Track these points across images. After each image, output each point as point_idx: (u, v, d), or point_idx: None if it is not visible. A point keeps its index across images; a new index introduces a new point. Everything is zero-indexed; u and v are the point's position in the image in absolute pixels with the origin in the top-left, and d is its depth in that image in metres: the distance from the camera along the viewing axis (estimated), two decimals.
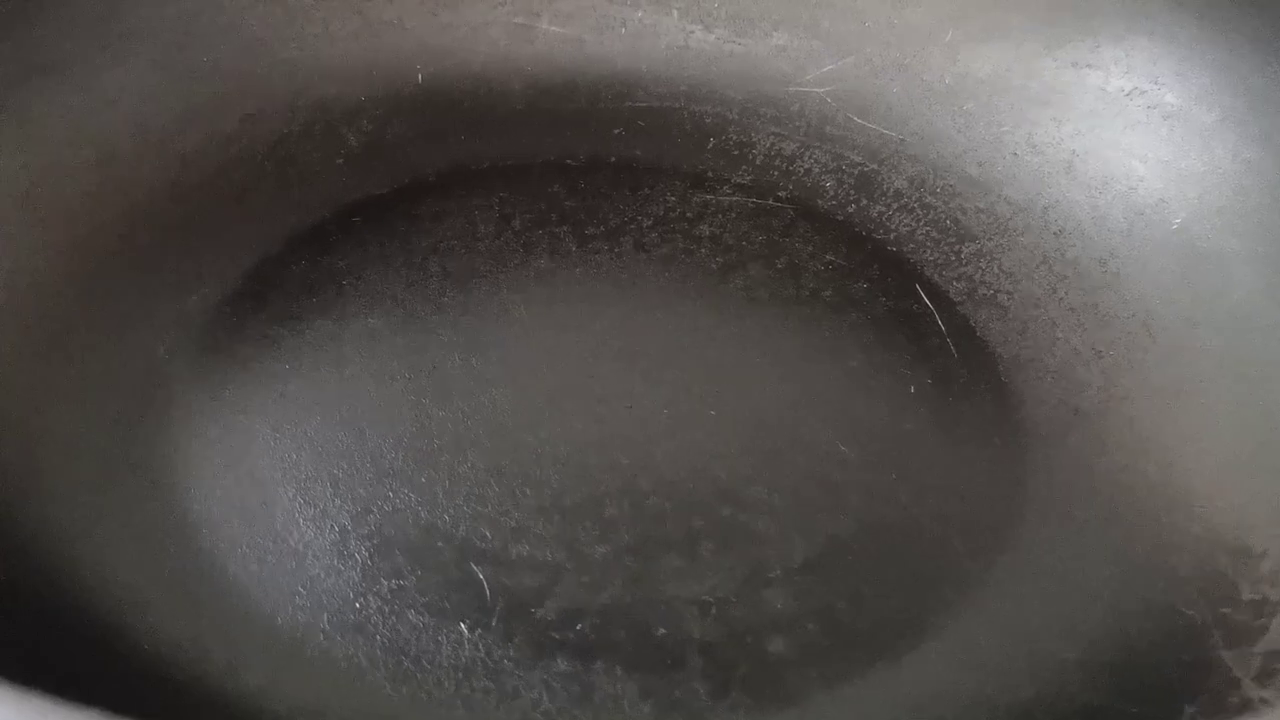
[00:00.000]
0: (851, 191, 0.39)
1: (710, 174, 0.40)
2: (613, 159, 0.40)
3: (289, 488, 0.30)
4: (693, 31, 0.42)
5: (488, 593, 0.28)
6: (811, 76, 0.41)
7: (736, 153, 0.40)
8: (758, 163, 0.40)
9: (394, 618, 0.28)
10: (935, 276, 0.37)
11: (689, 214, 0.38)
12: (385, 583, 0.29)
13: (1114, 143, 0.38)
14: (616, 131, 0.41)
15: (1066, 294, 0.36)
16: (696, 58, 0.42)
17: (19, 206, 0.33)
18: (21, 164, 0.34)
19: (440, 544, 0.29)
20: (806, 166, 0.40)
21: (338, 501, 0.30)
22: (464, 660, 0.27)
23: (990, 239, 0.38)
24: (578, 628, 0.28)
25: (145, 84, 0.37)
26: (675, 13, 0.42)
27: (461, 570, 0.29)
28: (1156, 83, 0.37)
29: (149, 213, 0.35)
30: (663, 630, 0.28)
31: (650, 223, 0.38)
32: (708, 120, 0.41)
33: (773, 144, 0.40)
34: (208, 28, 0.39)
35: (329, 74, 0.40)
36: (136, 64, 0.37)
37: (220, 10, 0.39)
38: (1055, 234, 0.37)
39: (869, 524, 0.30)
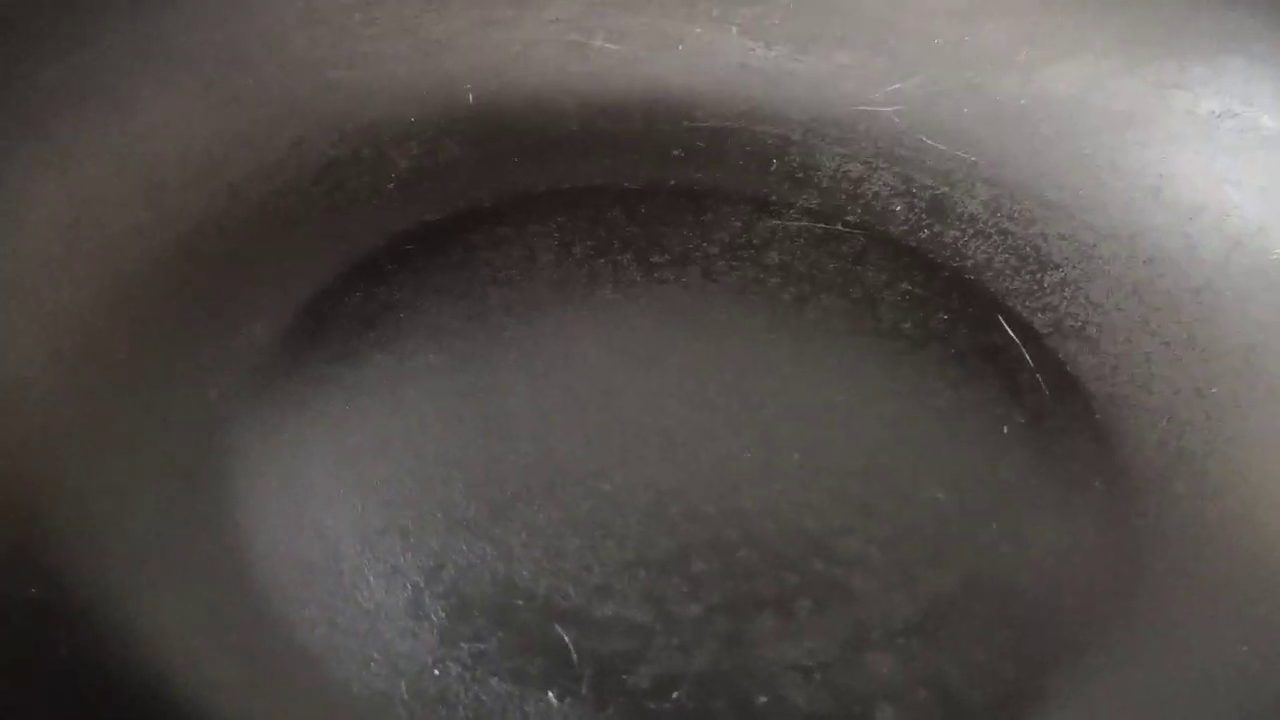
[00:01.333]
0: (924, 216, 0.38)
1: (774, 198, 0.38)
2: (672, 182, 0.38)
3: (356, 541, 0.29)
4: (752, 49, 0.40)
5: (574, 657, 0.27)
6: (877, 96, 0.40)
7: (801, 175, 0.39)
8: (823, 186, 0.38)
9: (476, 686, 0.26)
10: (1018, 307, 0.35)
11: (756, 240, 0.37)
12: (465, 646, 0.27)
13: (1205, 168, 0.36)
14: (675, 153, 0.39)
15: (1160, 327, 0.34)
16: (757, 76, 0.40)
17: (63, 240, 0.32)
18: (65, 195, 0.32)
19: (520, 603, 0.28)
20: (875, 189, 0.38)
21: (409, 556, 0.28)
22: None
23: (1074, 267, 0.36)
24: (674, 696, 0.26)
25: (190, 109, 0.35)
26: (734, 30, 0.40)
27: (544, 632, 0.27)
28: (1251, 104, 0.35)
29: (197, 245, 0.34)
30: (764, 699, 0.26)
31: (717, 250, 0.36)
32: (769, 141, 0.39)
33: (838, 166, 0.39)
34: (252, 49, 0.37)
35: (377, 95, 0.38)
36: (180, 89, 0.35)
37: (264, 31, 0.37)
38: (1145, 263, 0.35)
39: (972, 580, 0.29)
